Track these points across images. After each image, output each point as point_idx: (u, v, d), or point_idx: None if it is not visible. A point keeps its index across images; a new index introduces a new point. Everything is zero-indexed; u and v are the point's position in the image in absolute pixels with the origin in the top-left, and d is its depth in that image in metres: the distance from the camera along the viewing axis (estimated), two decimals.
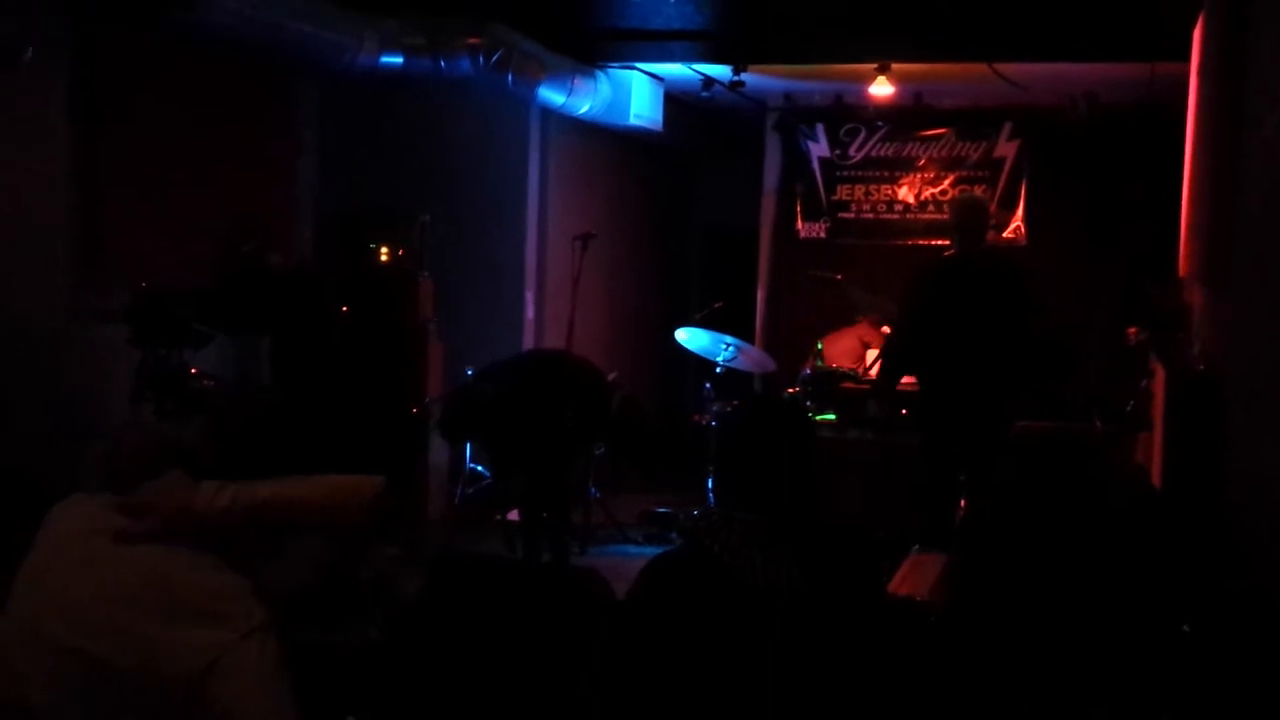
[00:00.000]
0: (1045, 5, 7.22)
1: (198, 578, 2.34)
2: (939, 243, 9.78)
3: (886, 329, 7.64)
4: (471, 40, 7.27)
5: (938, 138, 9.99)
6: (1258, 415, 3.81)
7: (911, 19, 7.59)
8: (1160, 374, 5.76)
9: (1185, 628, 3.39)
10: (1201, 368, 5.11)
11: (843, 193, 10.24)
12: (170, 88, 7.11)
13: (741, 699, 2.49)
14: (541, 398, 6.11)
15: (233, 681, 2.23)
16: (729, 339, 7.94)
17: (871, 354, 7.69)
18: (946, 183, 9.98)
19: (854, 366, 8.03)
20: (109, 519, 2.39)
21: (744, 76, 8.53)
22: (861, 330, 8.60)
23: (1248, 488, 3.94)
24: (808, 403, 7.63)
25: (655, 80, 8.96)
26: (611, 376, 7.00)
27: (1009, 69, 8.35)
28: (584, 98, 8.34)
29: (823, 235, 10.27)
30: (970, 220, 6.56)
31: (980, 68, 8.29)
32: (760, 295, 10.53)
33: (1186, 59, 6.26)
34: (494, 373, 6.28)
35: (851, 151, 10.18)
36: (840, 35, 7.95)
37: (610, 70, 8.63)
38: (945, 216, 9.85)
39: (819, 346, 8.21)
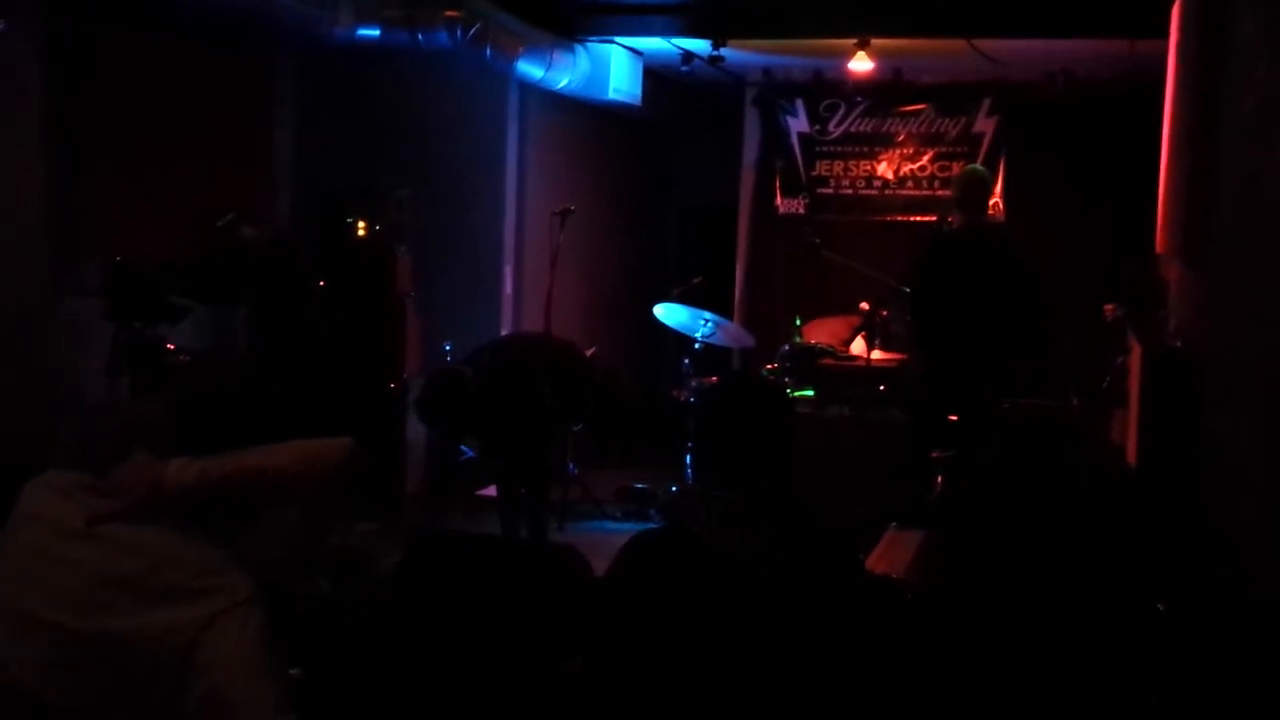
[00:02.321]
0: None
1: (177, 554, 2.33)
2: (918, 218, 9.81)
3: (865, 304, 7.64)
4: (449, 13, 7.22)
5: (917, 113, 9.99)
6: (1234, 395, 3.83)
7: None
8: (1136, 350, 5.78)
9: (1160, 606, 3.42)
10: (1177, 345, 5.13)
11: (822, 168, 10.24)
12: (145, 61, 7.04)
13: (723, 673, 2.50)
14: (521, 379, 6.10)
15: (218, 656, 2.23)
16: (708, 314, 7.93)
17: (858, 342, 7.68)
18: (925, 158, 9.99)
19: (833, 344, 8.03)
20: (83, 499, 2.38)
21: (723, 51, 8.50)
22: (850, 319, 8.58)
23: (1222, 465, 3.97)
24: (786, 379, 7.64)
25: (634, 55, 8.92)
26: (590, 352, 7.01)
27: (988, 45, 8.35)
28: (563, 72, 8.30)
29: (802, 211, 10.27)
30: (974, 194, 6.64)
31: (959, 43, 8.28)
32: (739, 271, 10.53)
33: (1165, 36, 6.26)
34: (473, 356, 6.27)
35: (831, 127, 10.17)
36: (820, 10, 7.94)
37: (589, 44, 8.59)
38: (923, 192, 9.94)
39: (797, 322, 8.22)
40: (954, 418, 6.23)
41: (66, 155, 6.47)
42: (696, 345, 7.97)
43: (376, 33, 7.22)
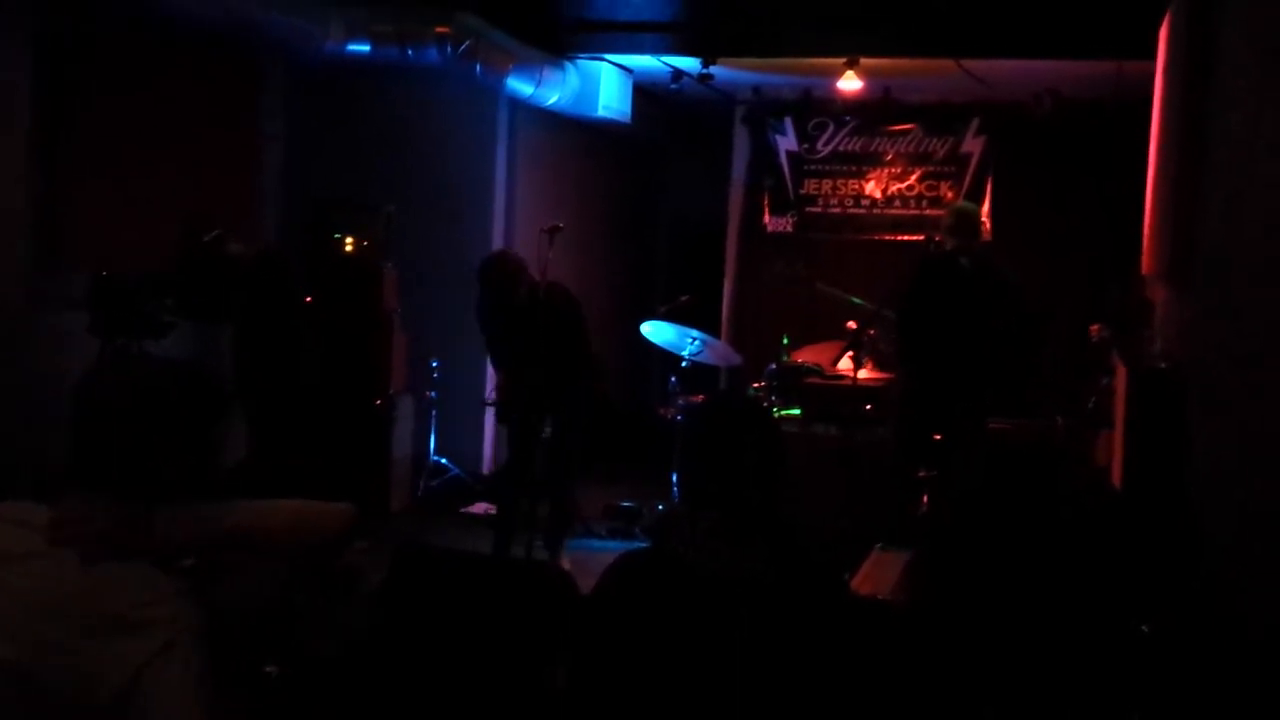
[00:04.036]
0: (1013, 2, 7.25)
1: (124, 584, 2.23)
2: (905, 238, 9.82)
3: (852, 324, 7.64)
4: (439, 29, 7.24)
5: (905, 133, 10.01)
6: (1218, 415, 3.84)
7: (880, 14, 7.60)
8: (1121, 372, 5.79)
9: (1144, 627, 3.41)
10: (1162, 366, 5.14)
11: (810, 187, 10.25)
12: (134, 73, 7.04)
13: (707, 693, 2.49)
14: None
15: (155, 698, 2.14)
16: (695, 333, 7.92)
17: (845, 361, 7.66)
18: (913, 178, 10.01)
19: (820, 364, 8.02)
20: (31, 529, 2.29)
21: (713, 69, 8.52)
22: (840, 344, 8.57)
23: (1205, 485, 3.97)
24: (773, 397, 7.63)
25: (624, 72, 8.93)
26: None
27: (976, 65, 8.37)
28: (552, 88, 8.31)
29: (790, 229, 10.28)
30: (966, 224, 6.70)
31: (948, 64, 8.31)
32: (727, 289, 10.53)
33: (1152, 57, 6.29)
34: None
35: (819, 145, 10.19)
36: (809, 29, 7.95)
37: (579, 61, 8.60)
38: (911, 211, 9.96)
39: (785, 341, 8.21)
40: (938, 437, 6.23)
41: (52, 167, 6.46)
42: (684, 363, 7.96)
43: (367, 48, 7.23)
